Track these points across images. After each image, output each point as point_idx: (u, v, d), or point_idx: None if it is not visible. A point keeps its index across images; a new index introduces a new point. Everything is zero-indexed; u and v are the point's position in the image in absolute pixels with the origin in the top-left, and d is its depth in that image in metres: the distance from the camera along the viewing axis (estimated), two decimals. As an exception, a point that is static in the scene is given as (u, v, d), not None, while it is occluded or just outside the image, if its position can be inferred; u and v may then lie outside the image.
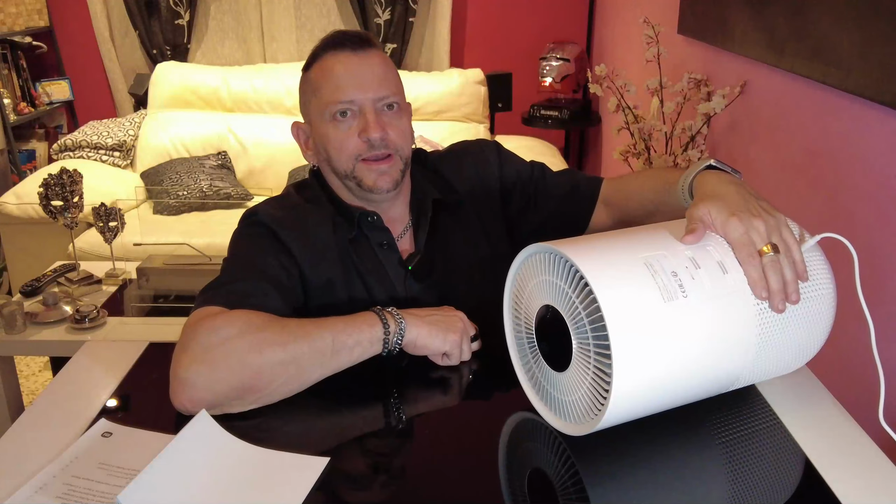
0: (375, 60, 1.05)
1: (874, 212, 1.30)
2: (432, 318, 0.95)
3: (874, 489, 0.74)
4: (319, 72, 1.06)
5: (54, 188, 1.81)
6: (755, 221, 0.79)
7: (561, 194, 1.18)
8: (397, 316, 0.92)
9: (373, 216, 1.09)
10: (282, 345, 0.85)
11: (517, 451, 0.80)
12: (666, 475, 0.75)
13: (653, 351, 0.72)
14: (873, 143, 1.30)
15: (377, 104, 1.04)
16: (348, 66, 1.04)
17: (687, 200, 0.95)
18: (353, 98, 1.03)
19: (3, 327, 1.72)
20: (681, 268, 0.75)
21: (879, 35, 1.22)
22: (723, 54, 1.99)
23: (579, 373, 0.76)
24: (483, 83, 3.34)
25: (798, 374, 0.93)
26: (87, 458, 0.79)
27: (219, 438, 0.79)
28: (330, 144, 1.06)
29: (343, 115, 1.04)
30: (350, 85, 1.03)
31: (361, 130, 1.04)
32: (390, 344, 0.91)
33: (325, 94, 1.04)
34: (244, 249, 1.03)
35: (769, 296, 0.76)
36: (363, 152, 1.04)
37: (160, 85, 3.31)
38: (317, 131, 1.08)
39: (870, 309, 0.81)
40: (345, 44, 1.05)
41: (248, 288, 0.95)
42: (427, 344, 0.93)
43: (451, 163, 1.21)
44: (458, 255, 1.14)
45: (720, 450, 0.79)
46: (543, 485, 0.75)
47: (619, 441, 0.79)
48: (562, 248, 0.76)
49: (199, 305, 0.92)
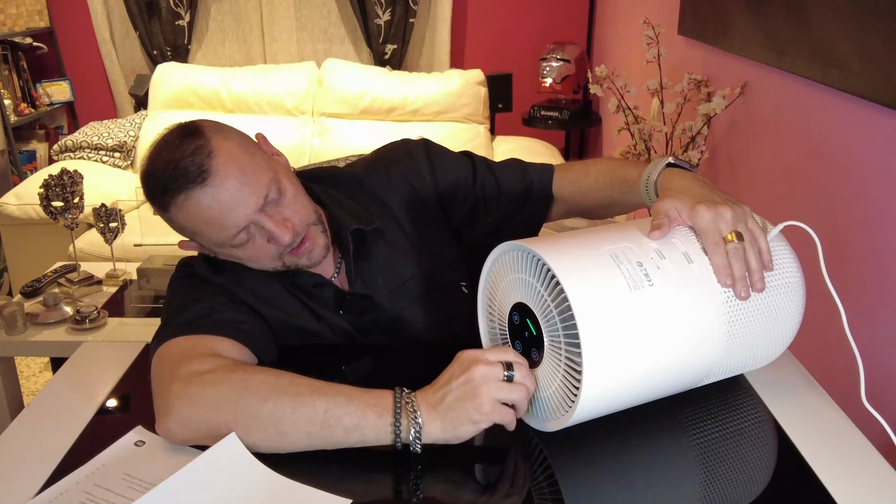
0: (229, 173, 0.90)
1: (874, 212, 1.29)
2: (447, 399, 0.76)
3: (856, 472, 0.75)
4: (184, 217, 0.93)
5: (55, 189, 1.81)
6: (721, 209, 0.80)
7: (514, 196, 1.12)
8: (411, 409, 0.76)
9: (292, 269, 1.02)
10: (262, 399, 0.77)
11: (490, 449, 0.80)
12: (643, 465, 0.76)
13: (621, 339, 0.73)
14: (873, 143, 1.30)
15: (264, 208, 0.93)
16: (211, 203, 0.90)
17: (651, 198, 0.95)
18: (240, 226, 0.92)
19: (4, 328, 1.72)
20: (646, 258, 0.77)
21: (880, 35, 1.22)
22: (723, 55, 1.99)
23: (551, 368, 0.77)
24: (483, 84, 3.34)
25: (784, 362, 0.94)
26: (115, 466, 0.78)
27: (243, 462, 0.76)
28: (246, 261, 0.98)
29: (241, 239, 0.94)
30: (226, 217, 0.91)
31: (269, 239, 0.95)
32: (404, 440, 0.76)
33: (210, 235, 0.94)
34: (184, 292, 0.98)
35: (733, 283, 0.78)
36: (283, 251, 0.97)
37: (161, 86, 3.31)
38: (220, 255, 1.00)
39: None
40: (187, 180, 0.90)
41: (198, 310, 0.92)
42: (455, 437, 0.76)
43: (377, 175, 1.12)
44: (397, 277, 1.08)
45: (698, 437, 0.80)
46: (517, 481, 0.75)
47: (593, 435, 0.79)
48: (532, 245, 0.78)
49: (156, 348, 0.89)
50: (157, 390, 0.83)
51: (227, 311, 0.94)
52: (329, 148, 3.22)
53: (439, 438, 0.76)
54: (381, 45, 3.62)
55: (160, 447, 0.81)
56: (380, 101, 3.26)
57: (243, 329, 0.93)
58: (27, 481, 0.77)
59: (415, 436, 0.75)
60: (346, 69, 3.34)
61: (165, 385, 0.81)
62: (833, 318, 0.82)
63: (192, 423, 0.79)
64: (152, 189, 0.93)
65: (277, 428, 0.77)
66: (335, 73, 3.32)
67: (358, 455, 0.79)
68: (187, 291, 0.98)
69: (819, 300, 0.90)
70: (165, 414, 0.79)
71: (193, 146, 0.91)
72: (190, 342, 0.88)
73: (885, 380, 1.24)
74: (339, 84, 3.29)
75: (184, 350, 0.86)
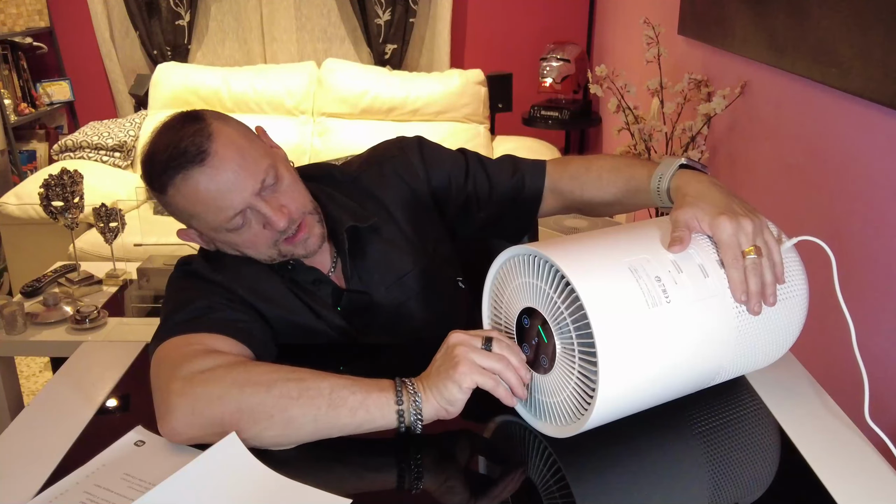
0: (228, 155, 0.92)
1: (874, 212, 1.29)
2: (433, 373, 0.80)
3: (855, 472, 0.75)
4: (182, 199, 0.93)
5: (55, 189, 1.81)
6: (743, 221, 0.79)
7: (506, 191, 1.13)
8: (411, 388, 0.79)
9: (291, 263, 1.03)
10: (266, 386, 0.78)
11: (500, 456, 0.80)
12: (653, 469, 0.76)
13: (637, 355, 0.72)
14: (873, 143, 1.30)
15: (260, 193, 0.94)
16: (209, 184, 0.91)
17: (664, 202, 0.94)
18: (237, 208, 0.93)
19: (4, 328, 1.72)
20: (664, 272, 0.76)
21: (880, 35, 1.22)
22: (723, 55, 1.99)
23: (563, 375, 0.76)
24: (483, 84, 3.34)
25: (788, 366, 0.95)
26: (115, 466, 0.77)
27: (244, 462, 0.76)
28: (241, 247, 0.99)
29: (237, 222, 0.95)
30: (224, 199, 0.92)
31: (265, 225, 0.96)
32: (406, 419, 0.78)
33: (206, 218, 0.95)
34: (182, 291, 0.98)
35: (747, 298, 0.77)
36: (278, 238, 0.97)
37: (161, 85, 3.31)
38: (218, 239, 1.00)
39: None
40: (187, 160, 0.91)
41: (196, 309, 0.92)
42: (447, 403, 0.78)
43: (372, 172, 1.13)
44: (393, 273, 1.08)
45: (706, 441, 0.80)
46: (528, 488, 0.74)
47: (602, 440, 0.79)
48: (544, 250, 0.76)
49: (155, 348, 0.89)
50: (158, 391, 0.83)
51: (226, 310, 0.94)
52: (329, 148, 3.22)
53: (437, 409, 0.78)
54: (381, 44, 3.62)
55: (160, 447, 0.81)
56: (380, 100, 3.26)
57: (241, 327, 0.93)
58: (27, 481, 0.77)
59: (415, 412, 0.77)
60: (346, 69, 3.34)
61: (165, 385, 0.81)
62: (839, 332, 0.82)
63: (195, 421, 0.78)
64: (152, 170, 0.94)
65: (284, 413, 0.77)
66: (335, 72, 3.32)
67: (358, 454, 0.79)
68: (185, 290, 0.98)
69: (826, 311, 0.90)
70: (168, 413, 0.79)
71: (194, 129, 0.93)
72: (188, 341, 0.88)
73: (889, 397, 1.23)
74: (339, 84, 3.29)
75: (182, 349, 0.86)
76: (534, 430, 0.82)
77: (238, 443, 0.77)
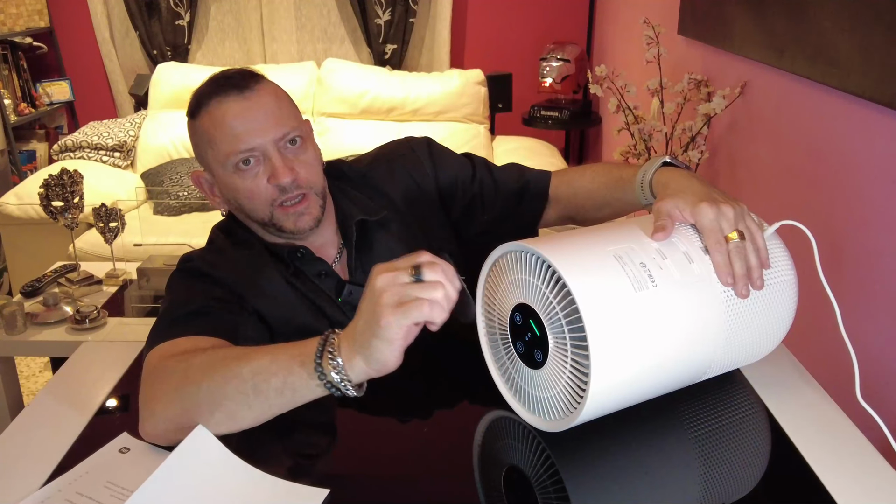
0: (266, 98, 0.98)
1: (874, 212, 1.30)
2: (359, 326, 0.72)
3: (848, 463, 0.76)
4: (209, 121, 0.98)
5: (55, 189, 1.81)
6: (724, 207, 0.81)
7: (510, 195, 1.15)
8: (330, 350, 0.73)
9: (301, 251, 1.04)
10: (196, 383, 0.78)
11: (493, 451, 0.80)
12: (646, 461, 0.77)
13: (628, 340, 0.73)
14: (873, 143, 1.30)
15: (279, 144, 0.98)
16: (239, 112, 0.96)
17: (647, 197, 0.97)
18: (252, 145, 0.97)
19: (4, 328, 1.72)
20: (648, 259, 0.77)
21: (880, 35, 1.22)
22: (723, 55, 1.99)
23: (556, 368, 0.77)
24: (483, 84, 3.34)
25: (779, 358, 0.95)
26: (98, 473, 0.77)
27: (216, 455, 0.76)
28: (240, 195, 1.00)
29: (246, 163, 0.97)
30: (246, 132, 0.96)
31: (270, 176, 0.98)
32: (335, 385, 0.72)
33: (222, 145, 0.97)
34: (180, 293, 0.98)
35: (734, 281, 0.78)
36: (277, 197, 0.99)
37: (161, 85, 3.31)
38: (221, 181, 1.02)
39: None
40: (229, 86, 0.98)
41: (188, 310, 0.92)
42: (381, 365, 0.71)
43: (380, 169, 1.15)
44: None
45: (698, 434, 0.81)
46: (521, 483, 0.75)
47: (595, 433, 0.79)
48: (535, 245, 0.78)
49: (147, 350, 0.90)
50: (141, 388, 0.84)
51: (220, 312, 0.94)
52: (329, 148, 3.22)
53: (367, 372, 0.71)
54: (381, 44, 3.62)
55: (145, 454, 0.80)
56: (380, 100, 3.26)
57: (232, 328, 0.92)
58: (27, 481, 0.77)
59: (341, 378, 0.71)
60: (346, 69, 3.33)
61: (141, 389, 0.83)
62: (828, 317, 0.82)
63: (157, 423, 0.80)
64: (196, 96, 1.01)
65: (220, 408, 0.76)
66: (335, 72, 3.32)
67: (336, 445, 0.80)
68: (182, 290, 0.98)
69: (815, 298, 0.90)
70: (140, 418, 0.82)
71: (247, 71, 1.02)
72: (173, 344, 0.88)
73: (881, 377, 1.24)
74: (339, 84, 3.29)
75: (163, 353, 0.86)
76: (526, 425, 0.82)
77: (208, 436, 0.76)
